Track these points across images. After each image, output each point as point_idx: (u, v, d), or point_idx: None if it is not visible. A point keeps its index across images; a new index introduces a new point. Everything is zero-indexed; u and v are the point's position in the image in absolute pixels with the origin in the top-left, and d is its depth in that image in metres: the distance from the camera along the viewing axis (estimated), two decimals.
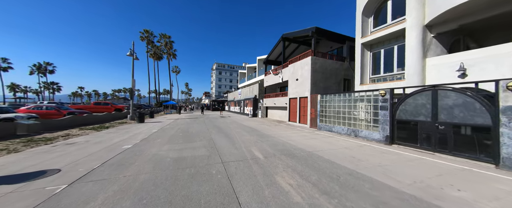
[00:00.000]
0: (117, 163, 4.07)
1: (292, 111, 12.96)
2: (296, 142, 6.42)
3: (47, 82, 60.22)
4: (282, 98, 14.87)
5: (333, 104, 8.74)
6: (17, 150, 5.17)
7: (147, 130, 9.20)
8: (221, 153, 4.92)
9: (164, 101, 38.06)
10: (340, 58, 12.20)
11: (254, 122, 13.54)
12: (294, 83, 12.63)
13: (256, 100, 19.83)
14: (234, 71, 74.36)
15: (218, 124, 12.38)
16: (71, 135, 7.89)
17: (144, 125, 11.54)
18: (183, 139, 6.81)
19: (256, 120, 15.87)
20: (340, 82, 11.98)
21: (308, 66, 11.00)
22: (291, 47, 17.03)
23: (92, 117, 13.32)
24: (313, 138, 7.28)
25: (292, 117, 12.89)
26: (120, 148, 5.38)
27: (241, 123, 12.77)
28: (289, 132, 8.88)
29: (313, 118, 10.51)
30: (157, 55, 41.04)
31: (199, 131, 9.05)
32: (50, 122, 9.86)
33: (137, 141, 6.50)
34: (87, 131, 8.86)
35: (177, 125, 11.75)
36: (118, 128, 10.30)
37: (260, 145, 5.84)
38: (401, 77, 7.88)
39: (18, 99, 60.69)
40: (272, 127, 10.91)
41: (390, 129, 6.07)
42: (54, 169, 3.63)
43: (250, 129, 9.65)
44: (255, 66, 31.56)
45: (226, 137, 7.37)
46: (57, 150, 5.15)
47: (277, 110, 16.68)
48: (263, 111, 18.93)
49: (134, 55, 16.56)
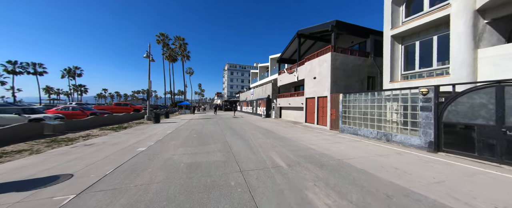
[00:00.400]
0: (130, 168, 3.80)
1: (309, 111, 12.17)
2: (319, 147, 5.75)
3: (76, 85, 65.69)
4: (297, 98, 14.11)
5: (358, 104, 7.85)
6: (39, 151, 5.24)
7: (162, 131, 9.13)
8: (238, 159, 4.45)
9: (179, 101, 39.16)
10: (363, 53, 11.13)
11: (268, 123, 12.99)
12: (311, 82, 11.83)
13: (269, 100, 19.24)
14: (245, 71, 74.42)
15: (232, 125, 12.05)
16: (91, 135, 8.06)
17: (159, 126, 11.62)
18: (197, 142, 6.50)
19: (269, 120, 15.30)
20: (363, 80, 10.92)
21: (327, 63, 10.16)
22: (306, 44, 16.15)
23: (112, 118, 13.83)
24: (337, 142, 6.52)
25: (309, 118, 12.09)
26: (135, 151, 5.20)
27: (254, 124, 12.30)
28: (308, 134, 8.18)
29: (333, 119, 9.65)
30: (172, 57, 42.40)
31: (213, 132, 8.75)
32: (74, 122, 10.31)
33: (151, 143, 6.33)
34: (106, 132, 9.04)
35: (191, 125, 11.65)
36: (135, 128, 10.44)
37: (280, 150, 5.28)
38: (443, 72, 6.77)
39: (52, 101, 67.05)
40: (288, 128, 10.26)
41: (435, 133, 5.12)
42: (67, 174, 3.45)
43: (265, 131, 9.12)
44: (267, 66, 30.95)
45: (241, 139, 6.93)
46: (75, 152, 5.11)
47: (292, 111, 15.93)
48: (277, 112, 18.28)
49: (151, 57, 16.97)
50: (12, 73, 46.52)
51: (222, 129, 9.76)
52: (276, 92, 18.98)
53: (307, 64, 12.40)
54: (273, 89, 19.17)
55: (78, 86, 67.82)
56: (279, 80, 17.73)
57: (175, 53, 42.01)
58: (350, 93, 8.36)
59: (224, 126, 11.12)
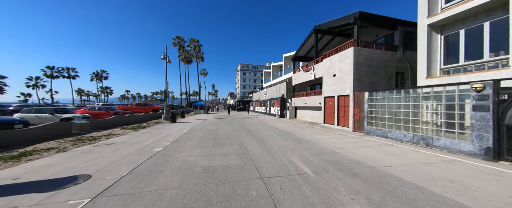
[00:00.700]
0: (146, 170, 3.65)
1: (328, 111, 11.37)
2: (345, 150, 5.13)
3: (103, 87, 71.44)
4: (314, 97, 13.34)
5: (388, 103, 6.99)
6: (65, 150, 5.43)
7: (178, 131, 9.16)
8: (257, 163, 4.08)
9: (193, 102, 40.27)
10: (391, 47, 10.04)
11: (284, 124, 12.45)
12: (330, 80, 11.04)
13: (284, 99, 18.63)
14: (258, 71, 74.21)
15: (246, 125, 11.76)
16: (113, 134, 8.34)
17: (175, 126, 11.78)
18: (212, 143, 6.28)
19: (284, 121, 14.73)
20: (390, 77, 9.85)
21: (349, 58, 9.33)
22: (324, 40, 15.27)
23: (132, 117, 14.45)
24: (366, 146, 5.81)
25: (328, 118, 11.30)
26: (152, 151, 5.13)
27: (269, 125, 11.86)
28: (329, 136, 7.51)
29: (357, 120, 8.81)
30: (187, 59, 43.81)
31: (228, 133, 8.51)
32: (98, 122, 10.88)
33: (168, 143, 6.26)
34: (126, 131, 9.33)
35: (205, 125, 11.61)
36: (153, 128, 10.67)
37: (301, 154, 4.79)
38: (498, 64, 5.67)
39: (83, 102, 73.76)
40: (305, 129, 9.64)
41: (495, 138, 4.21)
42: (86, 175, 3.39)
43: (282, 132, 8.63)
44: (280, 65, 30.27)
45: (257, 141, 6.56)
46: (96, 151, 5.19)
47: (308, 111, 15.16)
48: (292, 112, 17.61)
49: (167, 58, 17.47)
50: (50, 77, 52.09)
51: (236, 130, 9.50)
52: (291, 91, 18.30)
53: (325, 61, 11.62)
54: (288, 88, 18.53)
55: (104, 88, 73.74)
56: (294, 78, 17.05)
57: (190, 55, 43.35)
58: (377, 91, 7.51)
59: (239, 127, 10.86)
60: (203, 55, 43.96)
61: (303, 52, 17.26)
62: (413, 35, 10.29)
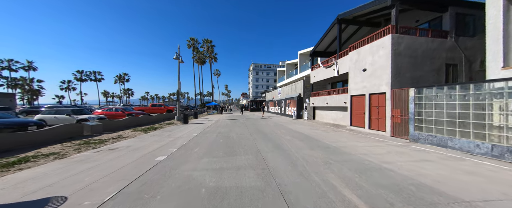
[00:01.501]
0: (137, 191, 2.79)
1: (356, 112, 9.79)
2: (400, 167, 3.78)
3: (125, 89, 76.23)
4: (338, 96, 11.79)
5: (447, 102, 5.38)
6: (64, 156, 4.93)
7: (188, 134, 8.45)
8: (282, 184, 2.99)
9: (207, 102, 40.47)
10: (439, 33, 8.18)
11: (303, 126, 11.14)
12: (358, 76, 9.47)
13: (301, 99, 17.20)
14: (271, 70, 72.83)
15: (261, 127, 10.71)
16: (121, 137, 7.91)
17: (187, 127, 11.19)
18: (223, 150, 5.34)
19: (302, 122, 13.36)
20: (439, 70, 8.00)
21: (386, 48, 7.74)
22: (347, 32, 13.56)
23: (146, 118, 14.33)
24: (423, 159, 4.36)
25: (357, 120, 9.72)
26: (153, 161, 4.34)
27: (287, 127, 10.65)
28: (365, 143, 6.10)
29: (397, 123, 7.21)
30: (201, 60, 44.28)
31: (241, 136, 7.54)
32: (111, 123, 10.72)
33: (174, 149, 5.48)
34: (136, 133, 8.91)
35: (217, 127, 10.82)
36: (164, 130, 10.18)
37: (339, 171, 3.58)
38: None
39: (108, 103, 79.54)
40: (330, 133, 8.27)
41: None
42: (60, 198, 2.63)
43: (304, 137, 7.40)
44: (295, 62, 28.70)
45: (277, 148, 5.45)
46: (94, 159, 4.56)
47: (330, 111, 13.58)
48: (310, 112, 16.11)
49: (180, 58, 17.20)
50: (80, 81, 56.87)
51: (251, 133, 8.48)
52: (309, 90, 16.81)
53: (352, 54, 10.05)
54: (305, 87, 17.06)
55: (126, 90, 78.65)
56: (313, 76, 15.55)
57: (203, 55, 43.74)
58: (428, 87, 5.90)
59: (253, 129, 9.84)
60: (216, 55, 44.06)
61: (322, 47, 15.67)
62: (467, 18, 8.30)
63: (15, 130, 6.88)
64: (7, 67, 46.30)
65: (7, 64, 46.26)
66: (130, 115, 14.45)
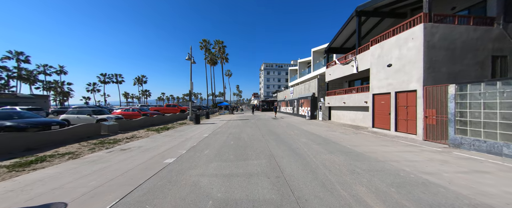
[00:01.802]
0: (138, 201, 2.53)
1: (380, 112, 8.86)
2: (452, 182, 3.07)
3: (143, 90, 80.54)
4: (357, 95, 10.86)
5: (501, 100, 4.43)
6: (78, 156, 4.97)
7: (199, 134, 8.30)
8: (301, 198, 2.53)
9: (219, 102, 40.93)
10: (483, 20, 7.00)
11: (318, 127, 10.42)
12: (382, 72, 8.54)
13: (315, 99, 16.35)
14: (282, 69, 71.69)
15: (273, 128, 10.23)
16: (135, 137, 8.00)
17: (198, 127, 11.12)
18: (234, 153, 4.99)
19: (317, 123, 12.58)
20: (483, 63, 6.83)
21: (417, 40, 6.80)
22: (366, 25, 12.49)
23: (160, 118, 14.65)
24: (478, 170, 3.56)
25: (380, 121, 8.79)
26: (161, 163, 4.14)
27: (301, 128, 10.03)
28: (394, 148, 5.33)
29: (432, 125, 6.27)
30: (213, 61, 44.98)
31: (253, 138, 7.15)
32: (127, 123, 11.04)
33: (183, 151, 5.27)
34: (149, 133, 8.99)
35: (228, 128, 10.57)
36: (176, 130, 10.19)
37: (370, 183, 3.00)
38: None
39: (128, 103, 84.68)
40: (351, 136, 7.51)
41: None
42: (61, 204, 2.45)
43: (322, 140, 6.78)
44: (308, 60, 27.65)
45: (292, 152, 4.96)
46: (104, 160, 4.50)
47: (348, 111, 12.63)
48: (325, 112, 15.22)
49: (192, 59, 17.39)
50: (103, 83, 61.26)
51: (263, 134, 8.06)
52: (323, 89, 15.90)
53: (374, 48, 9.13)
54: (319, 85, 16.17)
55: (144, 91, 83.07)
56: (328, 74, 14.65)
57: (215, 56, 44.38)
58: (475, 83, 4.96)
59: (265, 130, 9.41)
60: (228, 56, 44.39)
61: (338, 43, 14.69)
62: None
63: (39, 129, 7.26)
64: (42, 72, 51.46)
65: (43, 69, 51.39)
66: (145, 115, 14.89)
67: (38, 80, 51.15)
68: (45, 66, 51.75)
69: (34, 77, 50.01)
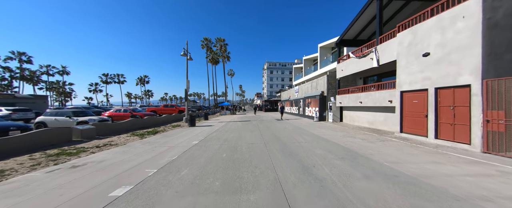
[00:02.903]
0: None
1: (411, 114, 7.14)
2: None
3: (145, 90, 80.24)
4: (378, 93, 9.14)
5: None
6: (8, 176, 3.52)
7: (187, 141, 6.82)
8: None
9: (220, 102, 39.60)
10: None
11: (331, 131, 8.76)
12: (415, 64, 6.84)
13: (324, 98, 14.65)
14: (286, 68, 69.86)
15: (278, 132, 8.63)
16: (109, 144, 6.59)
17: (191, 131, 9.66)
18: (222, 175, 3.45)
19: (329, 126, 10.90)
20: None
21: (471, 18, 5.08)
22: (387, 11, 10.71)
23: (152, 120, 13.28)
24: None
25: (411, 125, 7.07)
26: (104, 199, 2.63)
27: (311, 133, 8.40)
28: (454, 168, 3.67)
29: (498, 132, 4.55)
30: (214, 60, 43.66)
31: (253, 148, 5.60)
32: (109, 126, 9.66)
33: (152, 170, 3.77)
34: (130, 139, 7.58)
35: (225, 132, 9.05)
36: (164, 134, 8.75)
37: None
38: None
39: (131, 104, 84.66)
40: (377, 144, 5.85)
41: None
42: None
43: (342, 151, 5.14)
44: (314, 57, 25.88)
45: (307, 175, 3.37)
46: (24, 191, 3.05)
47: (364, 112, 10.91)
48: (336, 113, 13.51)
49: (188, 55, 15.98)
50: (105, 83, 60.94)
51: (265, 142, 6.50)
52: (334, 87, 14.20)
53: (403, 35, 7.41)
54: (329, 83, 14.46)
55: (147, 91, 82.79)
56: (340, 70, 12.93)
57: (217, 55, 43.05)
58: None
59: (268, 136, 7.84)
60: (229, 54, 43.00)
61: (351, 34, 12.95)
62: None
63: None
64: (45, 72, 51.41)
65: (45, 69, 51.34)
66: (135, 116, 13.54)
67: (41, 81, 51.19)
68: (48, 67, 51.68)
69: (37, 78, 50.04)
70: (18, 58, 44.68)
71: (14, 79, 45.58)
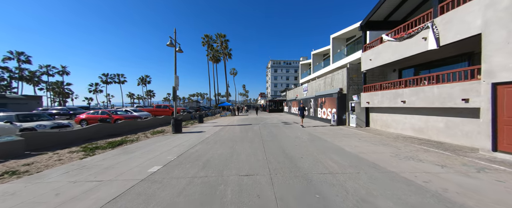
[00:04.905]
0: None
1: None
2: None
3: (147, 90, 79.06)
4: (439, 88, 6.22)
5: None
6: None
7: (144, 166, 4.18)
8: None
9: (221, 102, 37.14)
10: None
11: (367, 145, 5.88)
12: None
13: (343, 96, 11.77)
14: (291, 67, 66.74)
15: (289, 147, 5.84)
16: (16, 173, 4.04)
17: (169, 142, 7.03)
18: None
19: (356, 134, 8.01)
20: None
21: None
22: None
23: (128, 124, 10.80)
24: None
25: None
26: None
27: (339, 148, 5.58)
28: None
29: None
30: (215, 58, 41.26)
31: (247, 191, 2.87)
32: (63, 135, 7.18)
33: None
34: (66, 157, 5.04)
35: (214, 144, 6.37)
36: (125, 149, 6.17)
37: None
38: None
39: (132, 104, 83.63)
40: (481, 181, 2.99)
41: None
42: None
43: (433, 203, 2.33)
44: (325, 51, 22.91)
45: None
46: None
47: (406, 116, 7.97)
48: (361, 116, 10.61)
49: (178, 46, 13.41)
50: (106, 83, 59.76)
51: (272, 174, 3.75)
52: (356, 82, 11.31)
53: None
54: (350, 78, 11.56)
55: (148, 92, 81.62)
56: (367, 60, 10.02)
57: (218, 52, 40.67)
58: None
59: (276, 155, 5.08)
60: (231, 51, 40.52)
61: (381, 14, 10.02)
62: None
63: None
64: (45, 72, 50.55)
65: (45, 69, 50.47)
66: (103, 120, 11.08)
67: (41, 81, 50.40)
68: (48, 67, 50.77)
69: (38, 78, 49.23)
70: (16, 58, 43.72)
71: (13, 80, 44.72)
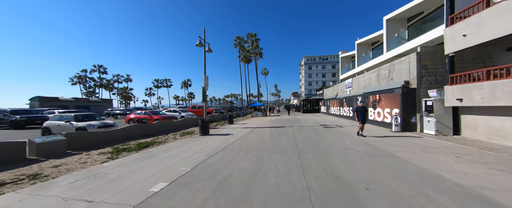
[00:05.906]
0: None
1: None
2: None
3: (188, 93, 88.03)
4: None
5: None
6: None
7: (155, 178, 3.34)
8: None
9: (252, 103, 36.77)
10: None
11: (474, 167, 3.36)
12: None
13: (411, 92, 8.64)
14: (327, 62, 60.54)
15: (333, 157, 4.00)
16: (39, 176, 3.91)
17: (193, 146, 6.34)
18: None
19: (442, 146, 5.25)
20: None
21: None
22: None
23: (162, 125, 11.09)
24: None
25: None
26: None
27: (421, 169, 3.34)
28: None
29: None
30: (247, 58, 41.41)
31: None
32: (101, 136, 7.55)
33: None
34: (96, 159, 4.87)
35: (239, 152, 5.20)
36: (148, 152, 5.76)
37: None
38: None
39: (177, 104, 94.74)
40: None
41: None
42: None
43: None
44: (374, 38, 18.77)
45: None
46: None
47: None
48: (444, 119, 7.40)
49: (207, 46, 13.18)
50: (157, 87, 69.86)
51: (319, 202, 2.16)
52: (433, 72, 8.08)
53: None
54: (421, 66, 8.35)
55: (190, 94, 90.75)
56: (459, 35, 6.82)
57: (249, 53, 40.67)
58: None
59: (317, 171, 3.39)
60: (261, 50, 39.70)
61: None
62: None
63: None
64: (116, 80, 63.13)
65: (116, 78, 63.04)
66: (141, 120, 11.66)
67: (114, 87, 63.28)
68: (118, 76, 63.20)
69: (111, 85, 62.07)
70: (98, 70, 56.09)
71: (96, 87, 57.73)
